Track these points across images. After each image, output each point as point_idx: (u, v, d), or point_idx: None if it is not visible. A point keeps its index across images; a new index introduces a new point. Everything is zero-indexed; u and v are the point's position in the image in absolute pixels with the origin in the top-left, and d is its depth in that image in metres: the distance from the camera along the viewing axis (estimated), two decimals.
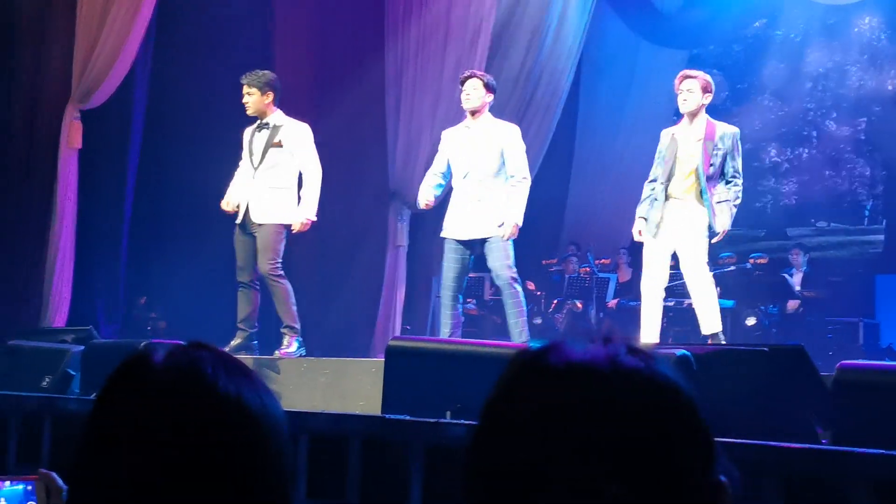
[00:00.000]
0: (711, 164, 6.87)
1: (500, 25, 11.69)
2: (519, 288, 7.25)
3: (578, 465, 0.95)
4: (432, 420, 3.95)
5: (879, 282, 13.95)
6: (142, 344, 5.33)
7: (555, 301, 12.90)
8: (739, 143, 7.02)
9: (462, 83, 7.48)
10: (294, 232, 7.63)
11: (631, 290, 13.03)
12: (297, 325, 7.57)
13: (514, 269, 7.21)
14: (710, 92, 6.97)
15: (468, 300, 12.90)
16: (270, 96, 7.66)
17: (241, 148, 7.83)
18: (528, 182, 7.31)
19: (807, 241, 15.19)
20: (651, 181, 7.16)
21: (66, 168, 9.11)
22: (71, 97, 9.10)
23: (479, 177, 7.26)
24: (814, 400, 3.92)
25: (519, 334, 7.10)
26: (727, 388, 3.97)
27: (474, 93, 7.34)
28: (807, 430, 3.80)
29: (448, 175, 7.58)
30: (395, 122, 11.41)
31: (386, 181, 11.49)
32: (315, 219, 7.64)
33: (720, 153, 6.89)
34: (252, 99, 7.65)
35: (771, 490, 3.07)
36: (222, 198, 7.88)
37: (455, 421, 3.97)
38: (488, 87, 7.37)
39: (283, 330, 7.55)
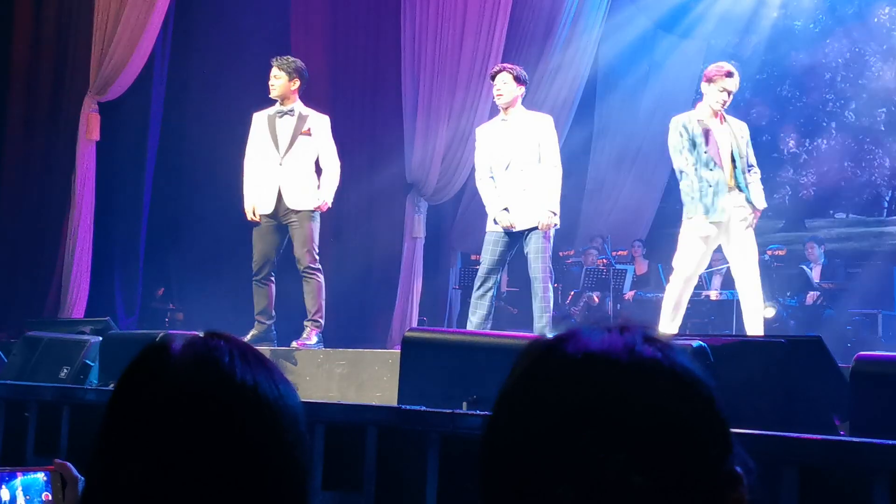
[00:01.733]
0: None
1: (517, 17, 11.68)
2: (550, 285, 7.19)
3: (596, 456, 0.94)
4: (448, 411, 3.95)
5: None
6: (159, 335, 5.34)
7: (572, 293, 12.88)
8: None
9: (493, 78, 7.44)
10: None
11: (648, 282, 13.02)
12: (322, 321, 7.55)
13: (550, 266, 7.16)
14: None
15: None
16: (297, 83, 7.66)
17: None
18: (560, 171, 7.28)
19: (825, 233, 15.13)
20: None
21: (84, 160, 9.15)
22: (89, 89, 9.13)
23: (521, 166, 7.22)
24: (832, 391, 3.91)
25: (541, 329, 7.04)
26: (745, 380, 3.96)
27: (505, 87, 7.30)
28: (825, 421, 3.79)
29: None
30: (413, 115, 11.41)
31: (403, 173, 11.50)
32: (331, 205, 7.63)
33: None
34: (279, 83, 7.64)
35: (788, 481, 3.06)
36: (239, 191, 7.86)
37: (471, 412, 3.97)
38: (519, 80, 7.34)
39: (307, 322, 7.52)
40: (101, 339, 6.50)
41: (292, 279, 7.70)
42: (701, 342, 3.95)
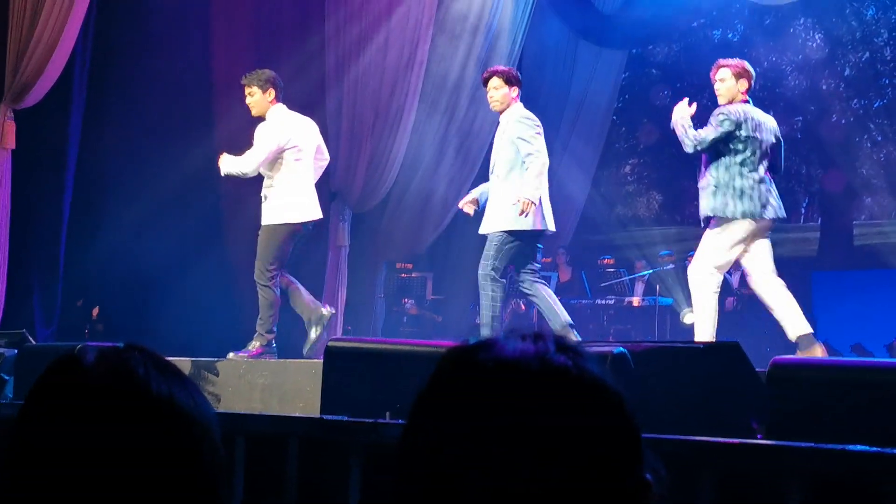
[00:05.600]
0: None
1: (441, 25, 11.72)
2: (492, 287, 7.11)
3: (504, 463, 0.96)
4: (371, 420, 3.94)
5: (815, 278, 14.18)
6: (77, 347, 5.25)
7: None
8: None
9: (484, 84, 7.32)
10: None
11: (572, 289, 13.12)
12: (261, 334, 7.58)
13: (494, 267, 7.07)
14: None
15: (406, 300, 12.90)
16: (272, 93, 7.57)
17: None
18: (539, 158, 7.02)
19: None
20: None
21: None
22: (3, 97, 8.94)
23: (497, 172, 7.20)
24: (749, 395, 3.98)
25: (482, 331, 7.07)
26: (665, 385, 4.01)
27: (496, 93, 7.18)
28: (743, 425, 3.85)
29: None
30: (337, 123, 11.39)
31: (327, 181, 11.46)
32: (223, 169, 7.57)
33: None
34: (254, 99, 7.56)
35: (705, 485, 3.10)
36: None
37: (394, 421, 3.97)
38: (510, 81, 7.20)
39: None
40: (16, 351, 6.38)
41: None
42: (622, 348, 3.99)
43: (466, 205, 7.45)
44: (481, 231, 7.22)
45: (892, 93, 16.44)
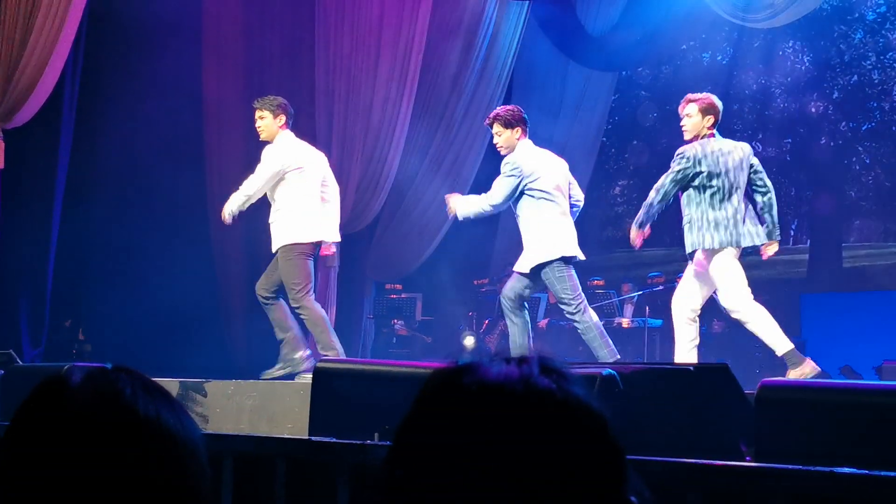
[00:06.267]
0: None
1: (432, 45, 11.75)
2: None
3: (487, 485, 0.96)
4: (359, 442, 3.93)
5: (804, 300, 14.20)
6: (65, 368, 5.22)
7: (486, 321, 12.93)
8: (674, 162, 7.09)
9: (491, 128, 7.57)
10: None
11: (561, 310, 13.12)
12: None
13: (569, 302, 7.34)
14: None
15: (396, 320, 12.88)
16: (283, 119, 7.61)
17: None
18: (490, 202, 7.42)
19: None
20: None
21: None
22: None
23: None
24: (738, 417, 3.98)
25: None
26: (654, 407, 4.01)
27: (500, 138, 7.53)
28: (731, 447, 3.85)
29: None
30: (327, 143, 11.39)
31: None
32: (227, 218, 7.60)
33: None
34: (265, 122, 7.60)
35: None
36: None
37: (382, 443, 3.96)
38: (508, 124, 7.52)
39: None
40: (3, 371, 6.35)
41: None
42: (611, 370, 3.99)
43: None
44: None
45: (881, 116, 16.53)
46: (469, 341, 10.36)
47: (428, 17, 11.37)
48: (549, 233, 7.22)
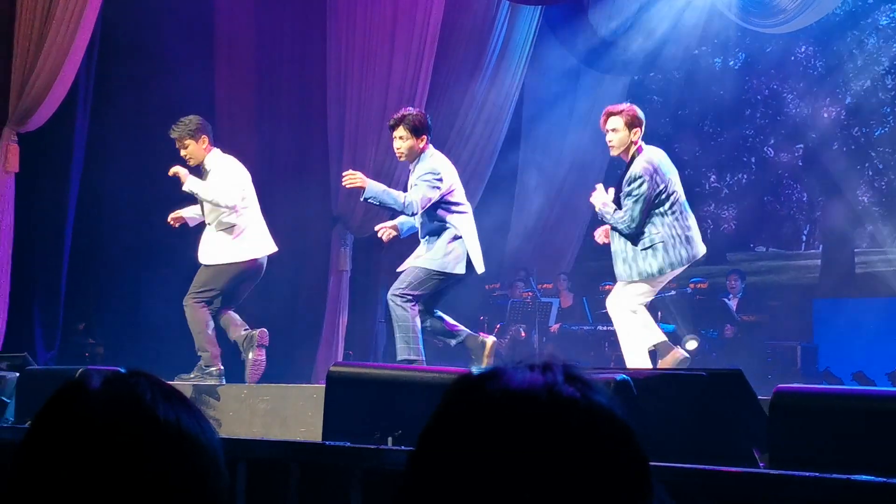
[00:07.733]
0: None
1: (443, 50, 11.75)
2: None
3: (510, 493, 0.95)
4: (373, 446, 3.93)
5: (817, 306, 14.16)
6: (79, 371, 5.24)
7: (498, 326, 12.92)
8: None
9: (391, 130, 7.29)
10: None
11: (573, 315, 13.11)
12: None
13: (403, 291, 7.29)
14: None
15: None
16: (205, 140, 7.60)
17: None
18: (412, 206, 7.21)
19: (745, 266, 15.37)
20: None
21: (2, 192, 8.97)
22: (8, 120, 8.96)
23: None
24: (752, 423, 3.97)
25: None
26: (667, 412, 4.00)
27: (403, 144, 7.20)
28: (745, 453, 3.84)
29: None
30: (339, 146, 11.40)
31: (329, 206, 11.47)
32: (184, 182, 7.64)
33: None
34: (189, 150, 7.59)
35: None
36: (165, 222, 7.89)
37: (396, 447, 3.96)
38: (416, 130, 7.15)
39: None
40: (18, 374, 6.37)
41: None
42: (624, 375, 3.98)
43: (385, 230, 7.52)
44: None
45: (894, 121, 16.47)
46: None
47: (439, 24, 11.36)
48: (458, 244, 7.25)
